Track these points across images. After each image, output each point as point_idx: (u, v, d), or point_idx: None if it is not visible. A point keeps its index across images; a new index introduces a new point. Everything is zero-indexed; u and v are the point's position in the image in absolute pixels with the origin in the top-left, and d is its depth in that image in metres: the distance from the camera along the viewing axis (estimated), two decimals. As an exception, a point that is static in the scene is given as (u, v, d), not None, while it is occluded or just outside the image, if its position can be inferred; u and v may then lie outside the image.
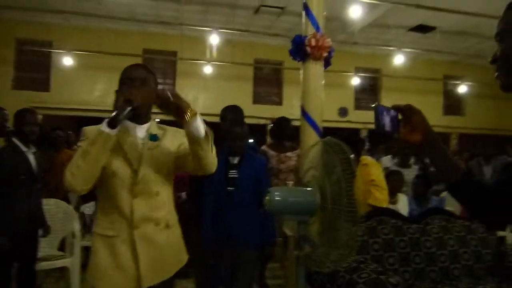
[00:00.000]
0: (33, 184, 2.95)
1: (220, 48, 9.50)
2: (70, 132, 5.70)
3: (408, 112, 1.14)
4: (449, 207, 5.32)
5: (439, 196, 5.70)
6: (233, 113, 3.24)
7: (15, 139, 2.90)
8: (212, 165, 1.71)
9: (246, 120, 3.29)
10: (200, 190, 2.95)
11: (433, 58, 11.34)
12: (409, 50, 10.18)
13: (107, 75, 9.85)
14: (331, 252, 2.06)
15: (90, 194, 1.76)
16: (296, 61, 3.03)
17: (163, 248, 1.72)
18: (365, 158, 3.72)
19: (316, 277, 2.48)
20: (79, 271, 3.65)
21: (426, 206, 4.19)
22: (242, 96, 10.53)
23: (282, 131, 4.16)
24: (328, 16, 8.27)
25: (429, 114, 1.18)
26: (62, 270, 3.93)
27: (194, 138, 1.59)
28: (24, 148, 2.91)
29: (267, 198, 1.89)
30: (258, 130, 9.79)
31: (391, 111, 1.15)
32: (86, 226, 3.92)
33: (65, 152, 4.86)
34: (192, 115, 1.58)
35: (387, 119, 1.14)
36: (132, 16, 9.06)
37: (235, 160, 2.79)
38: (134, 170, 1.66)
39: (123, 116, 1.56)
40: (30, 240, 2.99)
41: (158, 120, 1.90)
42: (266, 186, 2.41)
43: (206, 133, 1.62)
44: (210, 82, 10.49)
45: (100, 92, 10.02)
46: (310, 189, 1.98)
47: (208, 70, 10.13)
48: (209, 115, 3.75)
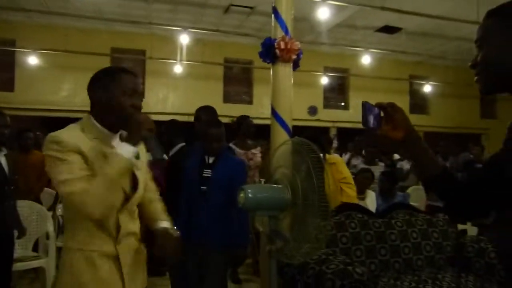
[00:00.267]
0: (5, 186, 2.93)
1: (189, 47, 9.49)
2: (38, 133, 5.58)
3: (391, 110, 1.18)
4: (413, 202, 5.58)
5: (405, 192, 5.95)
6: (208, 113, 3.28)
7: None
8: None
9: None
10: (175, 188, 2.98)
11: (399, 59, 11.71)
12: (376, 50, 10.48)
13: (74, 75, 9.67)
14: (302, 246, 2.16)
15: None
16: (266, 63, 3.11)
17: (141, 259, 1.75)
18: (332, 157, 3.87)
19: (287, 269, 2.57)
20: (55, 271, 3.62)
21: (392, 201, 4.37)
22: (213, 95, 10.55)
23: (244, 129, 4.26)
24: (297, 17, 8.39)
25: None
26: (37, 271, 3.91)
27: None
28: None
29: (241, 195, 1.96)
30: (229, 129, 9.84)
31: (375, 108, 1.19)
32: (61, 227, 3.91)
33: (35, 154, 4.77)
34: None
35: (371, 116, 1.18)
36: (100, 15, 8.91)
37: (211, 160, 2.80)
38: (127, 193, 1.62)
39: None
40: (5, 242, 2.97)
41: None
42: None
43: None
44: (180, 81, 10.46)
45: (67, 92, 9.81)
46: (280, 186, 2.07)
47: (178, 69, 10.09)
48: (179, 114, 3.78)
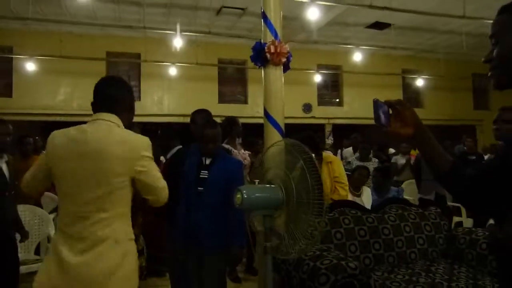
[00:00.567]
0: (6, 192, 3.02)
1: (183, 49, 9.56)
2: (37, 137, 5.67)
3: (400, 107, 1.18)
4: (408, 197, 5.70)
5: (399, 186, 6.07)
6: (203, 116, 3.35)
7: None
8: None
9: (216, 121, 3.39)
10: (173, 190, 3.05)
11: (390, 54, 11.80)
12: (367, 47, 10.58)
13: (70, 79, 9.77)
14: (297, 243, 2.26)
15: None
16: (257, 66, 3.20)
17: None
18: (328, 156, 3.93)
19: (282, 266, 2.67)
20: None
21: (386, 196, 4.46)
22: (208, 96, 10.63)
23: (234, 130, 4.29)
24: (289, 16, 8.55)
25: None
26: None
27: None
28: None
29: (237, 196, 2.04)
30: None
31: (384, 106, 1.19)
32: None
33: (35, 159, 4.85)
34: None
35: (382, 113, 1.19)
36: (94, 20, 8.99)
37: (207, 161, 2.85)
38: None
39: None
40: (9, 246, 3.05)
41: None
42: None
43: None
44: (175, 83, 10.55)
45: (63, 96, 9.89)
46: (274, 186, 2.17)
47: (173, 71, 10.18)
48: (175, 115, 3.84)
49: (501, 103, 3.27)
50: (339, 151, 8.17)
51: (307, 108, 11.89)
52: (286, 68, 3.27)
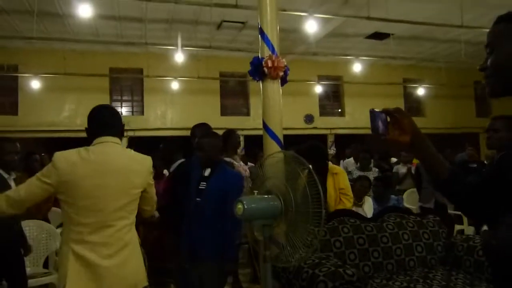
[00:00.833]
0: None
1: (185, 64, 9.71)
2: (43, 154, 5.79)
3: (398, 115, 1.19)
4: (409, 205, 5.74)
5: (401, 195, 6.11)
6: (202, 129, 3.44)
7: None
8: None
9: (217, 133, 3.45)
10: (176, 200, 3.14)
11: (391, 63, 11.91)
12: (367, 58, 10.68)
13: (74, 96, 9.95)
14: (296, 251, 2.32)
15: None
16: (256, 80, 3.30)
17: None
18: (334, 167, 3.94)
19: (283, 274, 2.73)
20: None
21: (386, 205, 4.51)
22: (210, 109, 10.76)
23: (232, 143, 4.34)
24: (288, 29, 8.69)
25: None
26: (47, 287, 4.08)
27: None
28: (6, 175, 3.10)
29: (238, 207, 2.11)
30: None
31: (382, 114, 1.20)
32: None
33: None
34: None
35: (379, 122, 1.20)
36: (97, 37, 9.19)
37: (207, 173, 2.92)
38: None
39: None
40: (15, 260, 3.14)
41: None
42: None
43: None
44: (178, 97, 10.68)
45: (68, 112, 10.05)
46: (272, 196, 2.24)
47: (175, 85, 10.31)
48: (178, 129, 3.89)
49: (503, 110, 3.31)
50: (341, 161, 8.21)
51: (309, 119, 11.98)
52: (284, 81, 3.37)
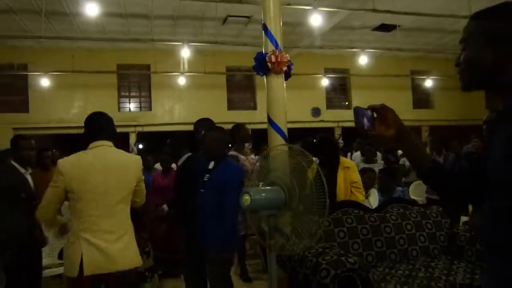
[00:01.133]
0: (33, 201, 3.24)
1: (191, 59, 9.78)
2: (54, 150, 5.91)
3: (383, 111, 1.27)
4: (416, 197, 5.78)
5: (408, 186, 6.15)
6: (205, 124, 3.52)
7: (13, 162, 3.24)
8: None
9: (223, 127, 3.47)
10: (184, 194, 3.24)
11: (398, 55, 11.83)
12: (374, 50, 10.64)
13: (83, 93, 10.10)
14: (301, 241, 2.40)
15: None
16: (260, 75, 3.36)
17: None
18: (346, 161, 3.98)
19: (288, 263, 2.81)
20: None
21: (390, 196, 4.55)
22: (217, 103, 10.84)
23: (241, 136, 4.40)
24: (294, 23, 8.69)
25: (399, 109, 1.38)
26: (61, 278, 4.22)
27: None
28: (22, 170, 3.25)
29: (245, 198, 2.19)
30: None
31: (368, 111, 1.28)
32: None
33: (53, 171, 5.08)
34: None
35: (365, 119, 1.27)
36: (104, 34, 9.29)
37: (211, 165, 3.02)
38: None
39: None
40: (33, 251, 3.29)
41: None
42: (234, 193, 2.66)
43: None
44: (185, 92, 10.77)
45: (77, 109, 10.20)
46: (277, 187, 2.32)
47: (182, 81, 10.40)
48: (185, 124, 3.95)
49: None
50: (349, 154, 8.24)
51: (316, 112, 12.01)
52: (288, 76, 3.42)
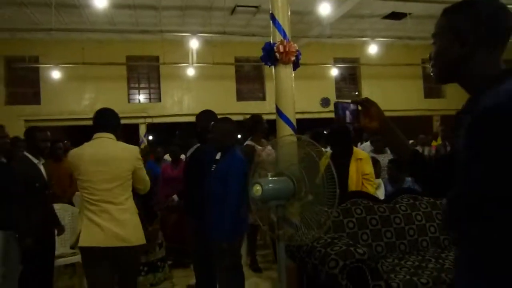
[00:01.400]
0: (46, 190, 3.36)
1: (200, 50, 9.76)
2: (66, 142, 5.98)
3: (367, 104, 1.32)
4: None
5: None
6: (206, 116, 3.55)
7: (26, 153, 3.30)
8: None
9: (232, 118, 3.49)
10: (192, 184, 3.27)
11: (409, 44, 11.62)
12: (384, 38, 10.50)
13: (93, 84, 10.17)
14: (309, 231, 2.40)
15: None
16: (268, 65, 3.35)
17: None
18: (359, 152, 3.93)
19: (297, 253, 2.82)
20: None
21: (400, 187, 4.52)
22: (226, 94, 10.83)
23: (259, 127, 4.43)
24: (303, 12, 8.62)
25: (410, 98, 1.41)
26: (75, 267, 4.30)
27: None
28: (35, 160, 3.31)
29: (257, 188, 2.19)
30: (244, 127, 10.09)
31: (351, 105, 1.34)
32: None
33: (66, 162, 5.15)
34: None
35: (347, 112, 1.33)
36: (113, 26, 9.32)
37: (218, 156, 3.06)
38: None
39: None
40: (48, 239, 3.37)
41: None
42: (235, 183, 2.76)
43: None
44: (194, 83, 10.77)
45: (88, 101, 10.27)
46: (286, 178, 2.31)
47: (191, 72, 10.39)
48: (194, 115, 3.94)
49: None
50: (359, 144, 8.18)
51: (325, 102, 11.92)
52: (296, 66, 3.40)
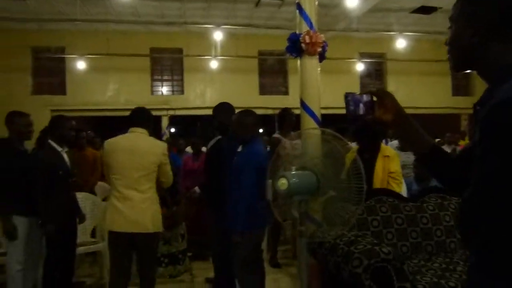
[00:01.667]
0: (69, 179, 3.39)
1: (224, 42, 9.72)
2: (89, 132, 6.04)
3: (382, 95, 1.24)
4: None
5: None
6: (222, 108, 3.65)
7: (51, 141, 3.33)
8: None
9: (253, 110, 3.46)
10: (214, 177, 3.27)
11: (438, 39, 11.24)
12: (412, 33, 10.24)
13: (117, 75, 10.26)
14: (332, 228, 2.32)
15: None
16: (293, 57, 3.25)
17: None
18: (387, 149, 3.80)
19: (319, 250, 2.73)
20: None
21: (427, 185, 4.37)
22: (249, 88, 10.76)
23: (286, 121, 4.45)
24: (329, 4, 8.44)
25: (437, 96, 1.30)
26: (95, 255, 4.36)
27: None
28: (59, 148, 3.35)
29: (282, 182, 2.12)
30: (267, 120, 10.02)
31: (364, 96, 1.25)
32: None
33: (89, 151, 5.21)
34: None
35: (360, 104, 1.25)
36: (138, 18, 9.37)
37: (240, 148, 3.06)
38: None
39: None
40: (70, 227, 3.41)
41: None
42: (247, 176, 2.80)
43: None
44: (217, 76, 10.74)
45: (112, 92, 10.38)
46: (310, 172, 2.23)
47: (214, 64, 10.38)
48: None
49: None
50: (384, 141, 8.01)
51: (350, 98, 11.70)
52: (322, 57, 3.30)
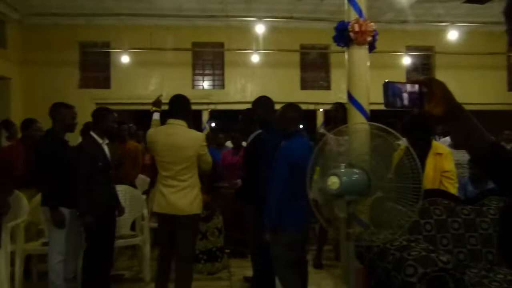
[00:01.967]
0: (108, 170, 3.42)
1: (265, 36, 9.60)
2: (131, 125, 6.09)
3: (431, 84, 1.07)
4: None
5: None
6: (262, 102, 3.58)
7: (92, 133, 3.39)
8: None
9: (298, 105, 3.33)
10: (253, 172, 3.26)
11: (493, 30, 10.58)
12: (464, 24, 9.68)
13: (160, 70, 10.39)
14: (382, 231, 2.13)
15: None
16: (340, 47, 3.06)
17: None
18: (439, 146, 3.45)
19: (366, 254, 2.54)
20: (149, 249, 4.08)
21: (484, 187, 4.05)
22: (290, 82, 10.58)
23: (338, 115, 4.22)
24: (375, -5, 8.05)
25: (491, 91, 1.12)
26: (134, 248, 4.38)
27: None
28: (100, 141, 3.38)
29: (333, 180, 1.96)
30: (308, 116, 9.82)
31: (408, 85, 1.10)
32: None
33: (131, 144, 5.24)
34: None
35: (402, 95, 1.09)
36: (180, 12, 9.41)
37: (282, 143, 2.98)
38: None
39: None
40: (109, 219, 3.44)
41: None
42: (278, 170, 2.79)
43: None
44: (258, 70, 10.63)
45: (154, 86, 10.50)
46: (359, 170, 2.06)
47: (255, 58, 10.29)
48: None
49: None
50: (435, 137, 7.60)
51: (396, 93, 11.27)
52: (372, 47, 3.10)
